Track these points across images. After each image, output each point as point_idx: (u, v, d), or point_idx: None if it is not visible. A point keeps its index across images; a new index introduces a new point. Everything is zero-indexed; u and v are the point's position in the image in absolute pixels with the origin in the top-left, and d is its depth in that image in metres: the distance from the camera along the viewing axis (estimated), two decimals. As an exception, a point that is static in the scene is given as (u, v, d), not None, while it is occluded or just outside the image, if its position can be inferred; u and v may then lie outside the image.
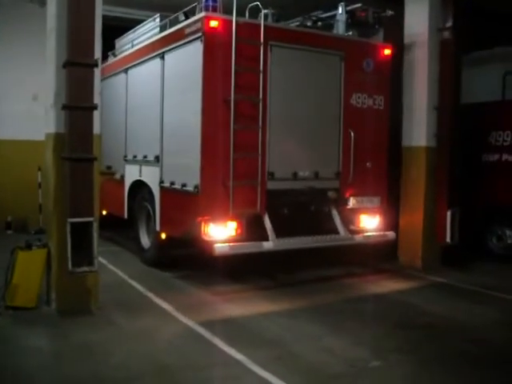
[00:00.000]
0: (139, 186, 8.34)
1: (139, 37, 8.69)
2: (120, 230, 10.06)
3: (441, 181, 8.08)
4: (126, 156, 8.83)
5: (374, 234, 7.65)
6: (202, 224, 6.52)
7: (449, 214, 7.94)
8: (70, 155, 5.31)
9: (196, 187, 6.53)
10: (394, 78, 8.02)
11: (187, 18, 6.97)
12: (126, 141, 8.88)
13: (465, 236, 8.26)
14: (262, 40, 6.60)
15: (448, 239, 7.98)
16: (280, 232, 6.85)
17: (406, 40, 8.48)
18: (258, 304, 6.19)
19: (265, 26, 6.63)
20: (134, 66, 8.56)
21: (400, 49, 8.41)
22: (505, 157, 9.12)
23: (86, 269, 5.27)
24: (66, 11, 5.32)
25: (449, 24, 8.03)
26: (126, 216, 8.84)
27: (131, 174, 8.60)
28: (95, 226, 5.33)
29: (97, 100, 5.49)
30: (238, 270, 7.39)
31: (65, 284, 5.58)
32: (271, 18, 7.04)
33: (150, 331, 5.24)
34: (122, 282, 7.05)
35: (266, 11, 6.73)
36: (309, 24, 7.28)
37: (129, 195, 8.74)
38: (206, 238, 6.54)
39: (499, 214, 9.22)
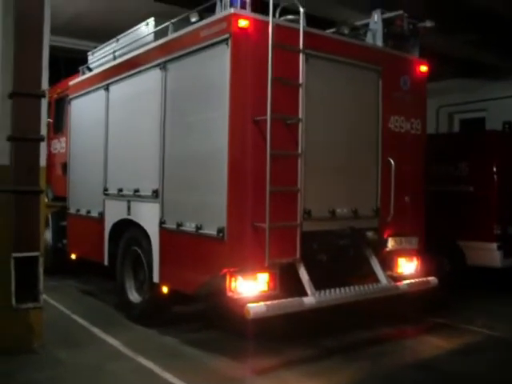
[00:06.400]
0: (126, 226, 6.79)
1: (125, 46, 7.22)
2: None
3: None
4: (106, 190, 7.24)
5: (416, 280, 6.45)
6: (228, 277, 5.10)
7: None
8: (15, 188, 5.08)
9: (221, 231, 5.10)
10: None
11: (202, 18, 5.63)
12: (107, 171, 7.29)
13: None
14: (301, 47, 5.36)
15: None
16: (317, 283, 5.53)
17: None
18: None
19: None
20: (119, 80, 7.05)
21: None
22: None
23: (30, 305, 5.07)
24: (12, 39, 5.02)
25: None
26: (106, 262, 7.22)
27: (115, 211, 7.02)
28: (41, 260, 5.10)
29: (43, 131, 5.32)
30: (262, 331, 5.89)
31: (6, 321, 5.21)
32: (304, 22, 5.81)
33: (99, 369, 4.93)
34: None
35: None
36: (346, 32, 6.10)
37: (110, 237, 7.14)
38: (232, 295, 5.11)
39: None
